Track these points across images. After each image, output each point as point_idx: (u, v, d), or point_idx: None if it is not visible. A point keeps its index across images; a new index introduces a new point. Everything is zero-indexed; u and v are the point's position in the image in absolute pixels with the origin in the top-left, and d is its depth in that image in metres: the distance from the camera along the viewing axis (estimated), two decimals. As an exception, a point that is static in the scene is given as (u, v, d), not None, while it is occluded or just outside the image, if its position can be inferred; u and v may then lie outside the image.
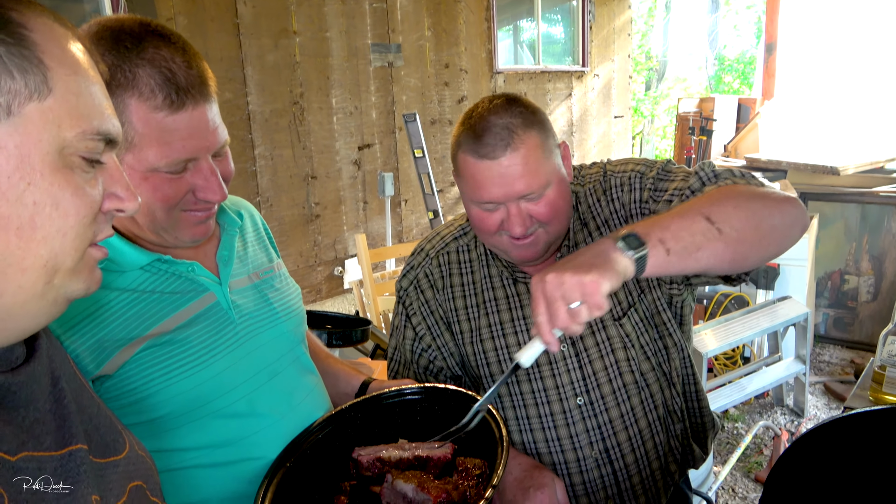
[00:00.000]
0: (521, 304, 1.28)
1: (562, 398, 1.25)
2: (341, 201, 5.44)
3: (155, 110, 0.86)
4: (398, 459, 0.99)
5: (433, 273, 1.34)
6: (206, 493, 0.97)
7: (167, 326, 0.94)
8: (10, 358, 0.60)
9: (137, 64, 0.85)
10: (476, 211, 1.18)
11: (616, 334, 1.26)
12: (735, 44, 14.67)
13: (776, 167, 4.74)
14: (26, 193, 0.55)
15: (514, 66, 7.06)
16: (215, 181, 0.93)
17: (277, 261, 1.20)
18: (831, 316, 4.47)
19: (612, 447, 1.26)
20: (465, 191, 1.19)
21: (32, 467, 0.56)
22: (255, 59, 4.70)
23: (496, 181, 1.12)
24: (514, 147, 1.11)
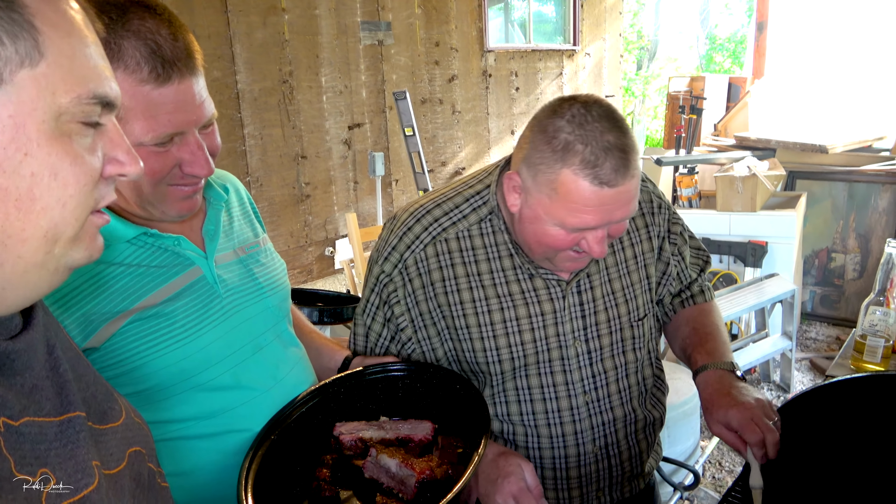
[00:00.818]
0: (538, 299, 1.20)
1: (570, 395, 1.23)
2: (332, 181, 5.42)
3: (141, 83, 0.85)
4: (380, 440, 1.00)
5: (427, 261, 1.19)
6: (192, 464, 0.98)
7: (153, 300, 0.94)
8: (10, 326, 0.60)
9: (122, 36, 0.84)
10: (555, 231, 1.07)
11: (630, 336, 1.27)
12: (726, 23, 14.62)
13: (765, 146, 4.76)
14: (23, 164, 0.54)
15: (504, 45, 7.02)
16: (202, 155, 0.92)
17: (263, 235, 1.20)
18: (818, 293, 4.52)
19: (612, 444, 1.27)
20: (553, 210, 1.06)
21: (34, 432, 0.57)
22: (244, 37, 4.65)
23: (605, 208, 1.03)
24: (631, 174, 1.03)
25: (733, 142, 5.11)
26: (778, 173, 4.20)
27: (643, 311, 1.29)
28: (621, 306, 1.26)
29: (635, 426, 1.30)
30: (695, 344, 1.28)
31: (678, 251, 1.36)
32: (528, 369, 1.22)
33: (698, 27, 14.87)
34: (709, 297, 1.41)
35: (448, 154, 6.42)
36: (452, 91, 6.31)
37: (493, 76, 6.72)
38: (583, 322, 1.23)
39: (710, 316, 1.35)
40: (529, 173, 1.08)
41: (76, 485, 0.57)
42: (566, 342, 1.22)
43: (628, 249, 1.28)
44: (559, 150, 1.03)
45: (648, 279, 1.30)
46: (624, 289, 1.27)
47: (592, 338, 1.24)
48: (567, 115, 1.03)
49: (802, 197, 4.11)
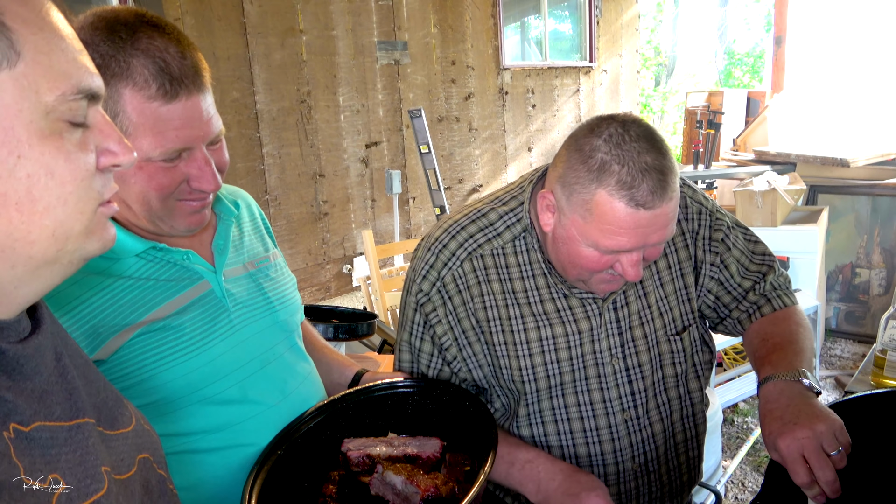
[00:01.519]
0: (574, 317, 1.18)
1: (608, 412, 1.20)
2: (349, 199, 5.45)
3: (149, 100, 0.87)
4: (387, 457, 1.00)
5: (465, 277, 1.17)
6: (198, 478, 0.98)
7: (161, 313, 0.95)
8: (18, 329, 0.60)
9: (132, 54, 0.86)
10: (589, 253, 1.05)
11: (668, 350, 1.23)
12: (745, 38, 14.56)
13: (785, 160, 4.70)
14: (18, 167, 0.53)
15: (521, 63, 7.05)
16: (209, 171, 0.94)
17: (273, 250, 1.21)
18: (842, 310, 4.43)
19: (652, 460, 1.24)
20: (588, 232, 1.04)
21: (45, 437, 0.57)
22: (262, 58, 4.72)
23: (641, 230, 1.01)
24: (668, 197, 1.00)
25: (752, 156, 5.06)
26: (798, 187, 4.15)
27: (681, 323, 1.23)
28: (657, 320, 1.22)
29: (674, 440, 1.26)
30: (761, 356, 1.15)
31: (720, 260, 1.26)
32: (564, 388, 1.19)
33: (716, 42, 14.83)
34: (778, 304, 1.26)
35: (465, 171, 6.44)
36: (469, 109, 6.34)
37: (509, 94, 6.75)
38: (619, 339, 1.20)
39: (781, 324, 1.21)
40: (564, 193, 1.06)
41: (86, 490, 0.57)
42: (603, 360, 1.20)
43: (661, 260, 1.23)
44: (595, 169, 1.00)
45: (686, 289, 1.24)
46: (658, 301, 1.22)
47: (630, 354, 1.21)
48: (604, 135, 1.01)
49: (824, 211, 4.05)
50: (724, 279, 1.26)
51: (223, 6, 4.48)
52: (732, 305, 1.28)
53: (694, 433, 1.29)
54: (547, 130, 7.29)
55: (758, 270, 1.28)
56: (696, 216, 1.25)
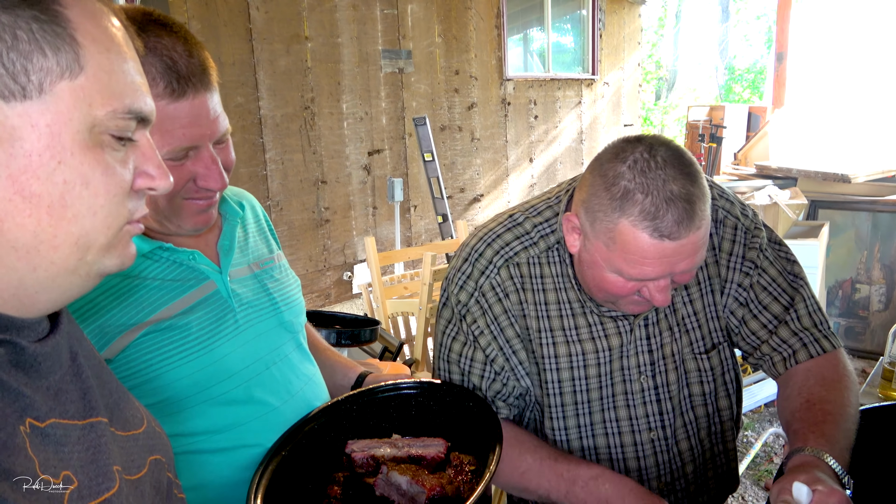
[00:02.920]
0: (605, 333, 1.15)
1: (634, 430, 1.17)
2: (351, 206, 5.46)
3: (156, 98, 0.87)
4: (392, 458, 0.99)
5: (503, 284, 1.14)
6: (203, 479, 0.97)
7: (168, 313, 0.95)
8: (38, 329, 0.61)
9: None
10: (614, 279, 1.02)
11: (694, 368, 1.19)
12: (745, 53, 14.65)
13: (786, 174, 4.71)
14: (56, 172, 0.55)
15: (523, 74, 7.08)
16: (216, 169, 0.94)
17: (278, 252, 1.21)
18: (842, 325, 4.43)
19: (679, 479, 1.22)
20: (612, 259, 1.01)
21: (59, 434, 0.58)
22: (267, 64, 4.74)
23: (665, 261, 0.97)
24: (696, 226, 0.96)
25: (754, 171, 5.08)
26: (799, 202, 4.16)
27: (710, 341, 1.19)
28: (684, 336, 1.18)
29: (703, 458, 1.23)
30: (805, 420, 1.04)
31: (749, 282, 1.18)
32: (591, 405, 1.17)
33: (717, 58, 14.92)
34: (816, 350, 1.14)
35: (466, 180, 6.45)
36: (471, 118, 6.36)
37: (511, 104, 6.77)
38: (649, 357, 1.17)
39: (833, 389, 1.09)
40: (588, 218, 1.03)
41: (97, 488, 0.58)
42: (630, 377, 1.17)
43: None
44: (618, 198, 0.97)
45: (715, 306, 1.19)
46: (687, 318, 1.18)
47: (659, 373, 1.17)
48: (629, 161, 0.97)
49: (825, 226, 4.05)
50: (751, 300, 1.19)
51: (229, 12, 4.50)
52: (763, 336, 1.19)
53: (722, 448, 1.26)
54: (549, 142, 7.31)
55: (789, 296, 1.19)
56: (732, 231, 1.19)
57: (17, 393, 0.56)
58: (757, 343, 1.20)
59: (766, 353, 1.19)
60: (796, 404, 1.08)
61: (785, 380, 1.17)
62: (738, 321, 1.20)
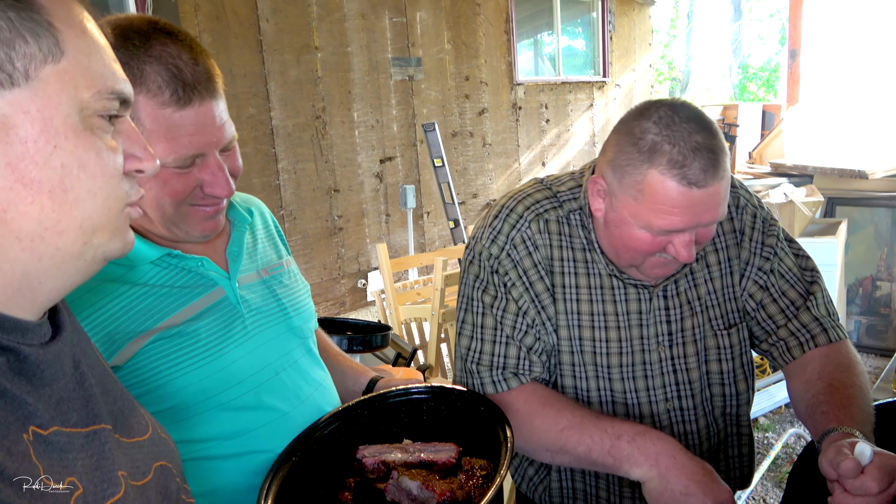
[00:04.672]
0: (626, 297, 1.18)
1: (651, 401, 1.20)
2: (364, 214, 5.47)
3: (162, 106, 0.88)
4: (403, 463, 0.99)
5: (533, 237, 1.17)
6: (213, 485, 0.97)
7: (176, 320, 0.95)
8: (40, 333, 0.61)
9: (145, 61, 0.87)
10: (642, 235, 1.05)
11: (714, 346, 1.21)
12: (759, 52, 14.54)
13: (802, 172, 4.66)
14: (53, 156, 0.56)
15: (534, 78, 7.07)
16: (222, 176, 0.94)
17: (287, 257, 1.21)
18: (863, 324, 4.36)
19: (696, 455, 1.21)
20: (640, 212, 1.03)
21: (63, 442, 0.58)
22: (278, 75, 4.77)
23: (693, 210, 1.00)
24: (720, 175, 1.00)
25: (769, 169, 5.03)
26: (816, 200, 4.10)
27: (728, 320, 1.21)
28: (704, 313, 1.21)
29: (718, 437, 1.25)
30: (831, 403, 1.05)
31: (770, 267, 1.22)
32: (611, 371, 1.18)
33: (730, 57, 14.81)
34: (835, 336, 1.18)
35: (479, 186, 6.44)
36: (483, 124, 6.36)
37: (522, 109, 6.76)
38: (668, 327, 1.19)
39: (851, 373, 1.12)
40: (615, 176, 1.06)
41: (102, 493, 0.58)
42: (649, 346, 1.19)
43: (711, 255, 1.22)
44: (646, 150, 1.00)
45: (733, 287, 1.22)
46: (707, 295, 1.21)
47: (677, 344, 1.19)
48: (654, 117, 1.02)
49: (843, 223, 4.00)
50: (770, 284, 1.22)
51: (240, 24, 4.54)
52: (780, 321, 1.21)
53: (736, 432, 1.27)
54: (561, 145, 7.29)
55: (805, 285, 1.23)
56: (751, 219, 1.23)
57: (20, 401, 0.56)
58: (773, 328, 1.22)
59: (782, 338, 1.21)
60: (819, 387, 1.09)
61: (801, 365, 1.18)
62: (756, 304, 1.22)
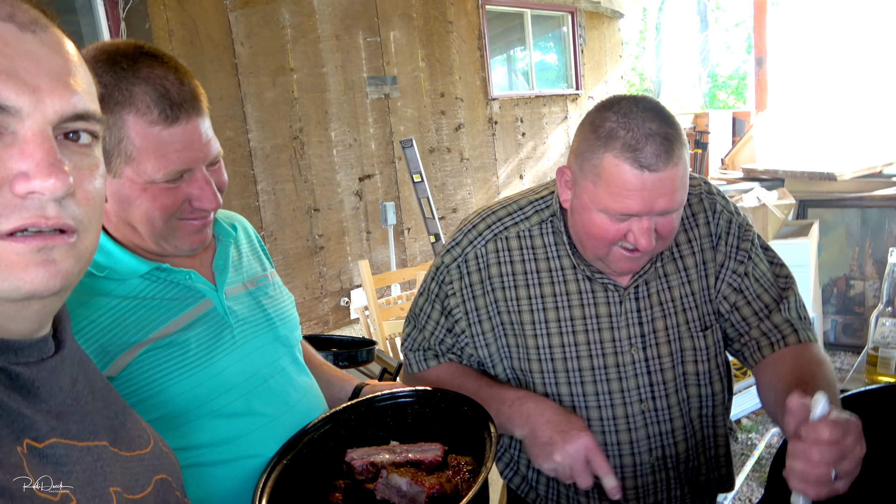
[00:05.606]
0: (594, 301, 1.21)
1: (626, 402, 1.22)
2: (345, 232, 5.49)
3: (151, 124, 0.91)
4: (391, 463, 1.01)
5: (486, 256, 1.23)
6: (206, 491, 0.99)
7: (167, 330, 0.97)
8: (44, 349, 0.61)
9: (133, 82, 0.91)
10: (601, 220, 1.10)
11: (690, 347, 1.23)
12: (727, 61, 14.85)
13: (773, 176, 4.77)
14: None
15: (508, 93, 7.17)
16: (210, 190, 0.97)
17: (271, 270, 1.24)
18: (839, 322, 4.45)
19: (671, 455, 1.25)
20: (598, 196, 1.08)
21: (60, 454, 0.57)
22: (254, 97, 4.80)
23: (646, 194, 1.05)
24: (674, 162, 1.04)
25: (741, 174, 5.14)
26: (788, 202, 4.20)
27: (705, 321, 1.24)
28: (680, 315, 1.23)
29: (695, 439, 1.27)
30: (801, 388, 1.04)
31: (744, 270, 1.25)
32: (582, 374, 1.21)
33: (699, 66, 15.11)
34: (805, 336, 1.21)
35: (458, 200, 6.49)
36: (459, 139, 6.42)
37: (498, 123, 6.85)
38: (640, 329, 1.22)
39: (821, 369, 1.13)
40: (578, 163, 1.12)
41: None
42: (622, 349, 1.21)
43: (688, 258, 1.25)
44: (603, 136, 1.06)
45: (709, 290, 1.26)
46: (683, 297, 1.24)
47: (650, 345, 1.22)
48: (615, 108, 1.08)
49: (814, 225, 4.09)
50: (745, 287, 1.25)
51: (214, 48, 4.57)
52: (753, 322, 1.24)
53: (712, 433, 1.29)
54: (537, 157, 7.38)
55: (779, 290, 1.26)
56: (727, 224, 1.26)
57: (16, 414, 0.55)
58: (746, 329, 1.24)
59: (753, 338, 1.24)
60: (790, 379, 1.11)
61: (771, 362, 1.20)
62: (730, 306, 1.25)
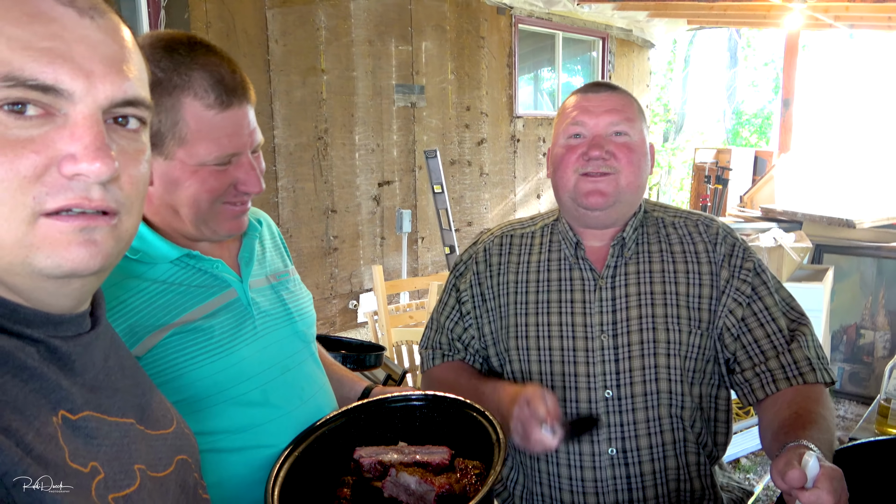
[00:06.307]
0: (571, 288, 1.34)
1: (590, 387, 1.27)
2: (359, 236, 5.52)
3: (207, 108, 0.96)
4: (399, 463, 1.02)
5: (492, 249, 1.43)
6: (220, 477, 1.01)
7: (193, 316, 1.00)
8: (81, 325, 0.64)
9: (192, 68, 0.96)
10: (561, 147, 1.32)
11: (664, 339, 1.27)
12: (753, 99, 14.83)
13: (791, 218, 4.76)
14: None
15: (533, 112, 7.21)
16: (254, 174, 1.03)
17: (291, 267, 1.27)
18: (847, 370, 4.42)
19: (631, 449, 1.25)
20: (558, 130, 1.34)
21: (91, 427, 0.60)
22: (284, 95, 4.85)
23: (591, 109, 1.29)
24: (618, 92, 1.32)
25: (759, 213, 5.13)
26: (804, 245, 4.19)
27: (690, 323, 1.28)
28: (658, 307, 1.29)
29: (661, 438, 1.26)
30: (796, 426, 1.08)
31: (752, 290, 1.30)
32: (552, 353, 1.30)
33: (725, 102, 15.11)
34: (822, 377, 1.23)
35: (474, 214, 6.52)
36: (481, 154, 6.46)
37: (521, 141, 6.88)
38: (612, 317, 1.30)
39: (819, 405, 1.15)
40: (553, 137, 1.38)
41: (120, 483, 0.61)
42: (592, 333, 1.29)
43: (680, 264, 1.33)
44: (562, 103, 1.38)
45: (700, 299, 1.30)
46: (666, 294, 1.30)
47: (621, 333, 1.28)
48: None
49: (829, 270, 4.08)
50: (753, 302, 1.29)
51: (249, 43, 4.63)
52: (768, 349, 1.26)
53: (682, 436, 1.27)
54: (556, 179, 7.38)
55: (792, 319, 1.30)
56: (731, 247, 1.35)
57: (54, 385, 0.57)
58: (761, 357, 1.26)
59: (770, 369, 1.25)
60: (786, 415, 1.14)
61: (773, 399, 1.22)
62: (737, 321, 1.29)
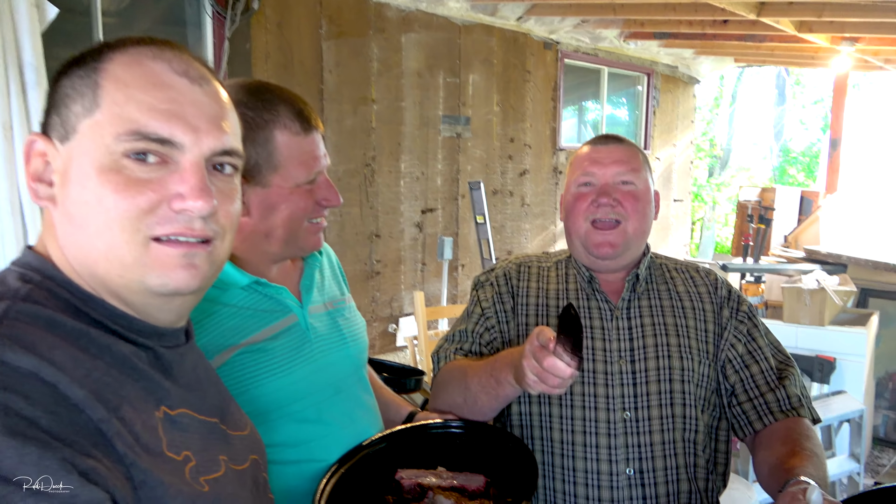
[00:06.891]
0: (590, 315, 1.41)
1: (609, 408, 1.32)
2: (401, 261, 5.64)
3: (294, 135, 1.11)
4: (436, 486, 1.10)
5: (510, 273, 1.52)
6: (275, 486, 1.08)
7: (258, 338, 1.11)
8: (177, 338, 0.77)
9: (277, 104, 1.11)
10: (572, 195, 1.43)
11: (679, 367, 1.35)
12: (801, 137, 14.61)
13: (836, 261, 4.70)
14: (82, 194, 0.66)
15: (576, 145, 7.28)
16: (334, 190, 1.18)
17: (347, 295, 1.39)
18: (891, 418, 4.31)
19: (647, 470, 1.31)
20: (570, 179, 1.45)
21: (185, 422, 0.72)
22: (335, 123, 5.04)
23: (600, 160, 1.40)
24: (624, 145, 1.44)
25: (803, 254, 5.08)
26: (848, 289, 4.14)
27: (700, 353, 1.38)
28: (672, 337, 1.38)
29: (675, 461, 1.32)
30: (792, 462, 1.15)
31: (747, 331, 1.42)
32: None
33: (772, 140, 14.92)
34: (808, 413, 1.33)
35: (514, 244, 6.59)
36: (523, 185, 6.55)
37: (563, 173, 6.95)
38: (630, 344, 1.38)
39: (812, 443, 1.23)
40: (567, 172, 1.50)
41: (208, 469, 0.72)
42: (611, 358, 1.36)
43: (686, 300, 1.44)
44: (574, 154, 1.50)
45: (707, 333, 1.41)
46: (678, 326, 1.40)
47: (639, 360, 1.36)
48: None
49: (874, 315, 4.02)
50: (753, 350, 1.41)
51: (305, 74, 4.85)
52: (762, 383, 1.36)
53: (693, 461, 1.34)
54: (597, 211, 7.40)
55: (781, 361, 1.41)
56: (728, 291, 1.48)
57: (158, 384, 0.71)
58: (756, 391, 1.36)
59: (767, 402, 1.35)
60: (782, 451, 1.21)
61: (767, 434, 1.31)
62: (737, 355, 1.40)
